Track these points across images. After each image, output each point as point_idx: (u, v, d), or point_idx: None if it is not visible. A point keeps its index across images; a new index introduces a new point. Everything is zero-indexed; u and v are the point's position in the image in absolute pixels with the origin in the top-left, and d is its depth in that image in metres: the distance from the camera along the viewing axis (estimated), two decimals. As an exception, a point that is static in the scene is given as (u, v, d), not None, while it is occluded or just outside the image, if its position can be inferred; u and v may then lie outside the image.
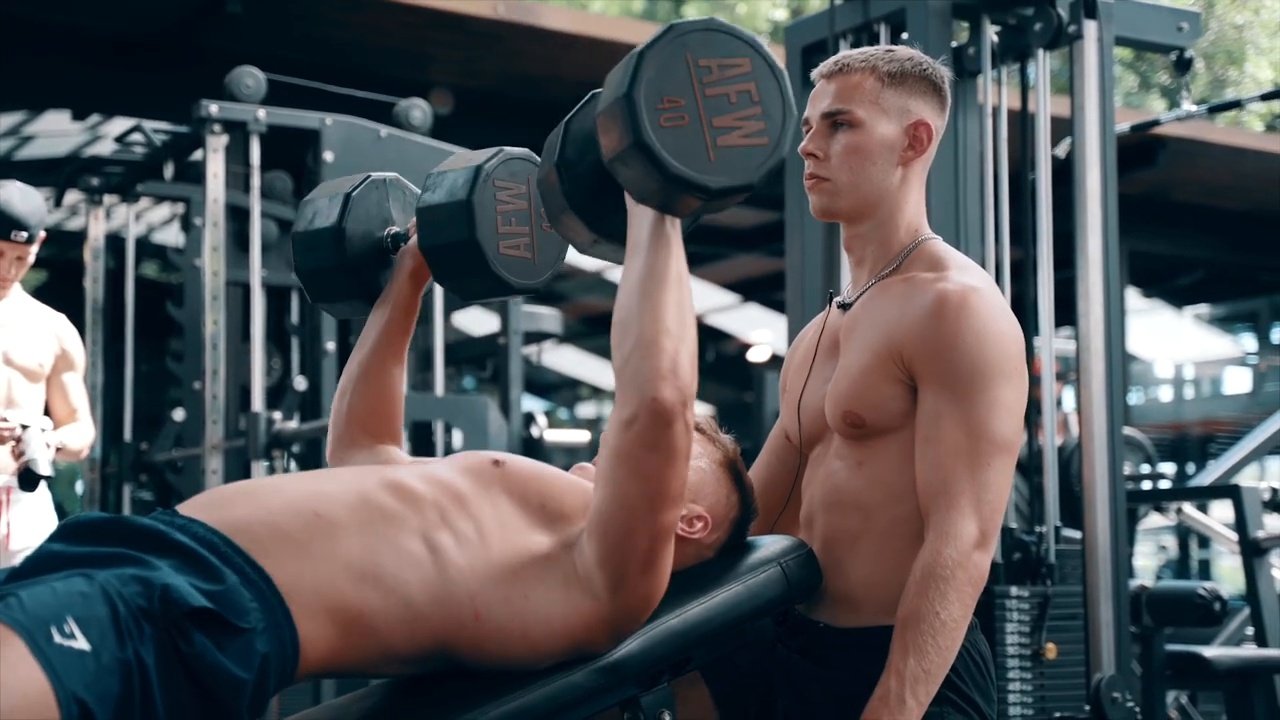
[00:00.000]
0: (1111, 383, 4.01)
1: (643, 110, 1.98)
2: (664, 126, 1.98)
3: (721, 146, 2.02)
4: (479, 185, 2.33)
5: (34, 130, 10.49)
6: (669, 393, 2.01)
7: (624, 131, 1.99)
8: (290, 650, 1.93)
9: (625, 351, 2.05)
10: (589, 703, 2.15)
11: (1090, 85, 4.08)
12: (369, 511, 2.05)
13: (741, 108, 2.03)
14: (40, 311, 4.67)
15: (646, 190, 2.05)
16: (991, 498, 2.27)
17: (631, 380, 2.03)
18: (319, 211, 2.47)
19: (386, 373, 2.46)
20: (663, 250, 2.06)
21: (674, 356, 2.02)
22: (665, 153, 1.98)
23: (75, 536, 1.95)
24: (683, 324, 2.05)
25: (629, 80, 2.00)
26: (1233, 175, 10.45)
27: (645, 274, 2.06)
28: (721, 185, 2.02)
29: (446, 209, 2.34)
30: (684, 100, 2.00)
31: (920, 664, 2.21)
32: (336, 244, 2.44)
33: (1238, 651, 5.00)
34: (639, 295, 2.05)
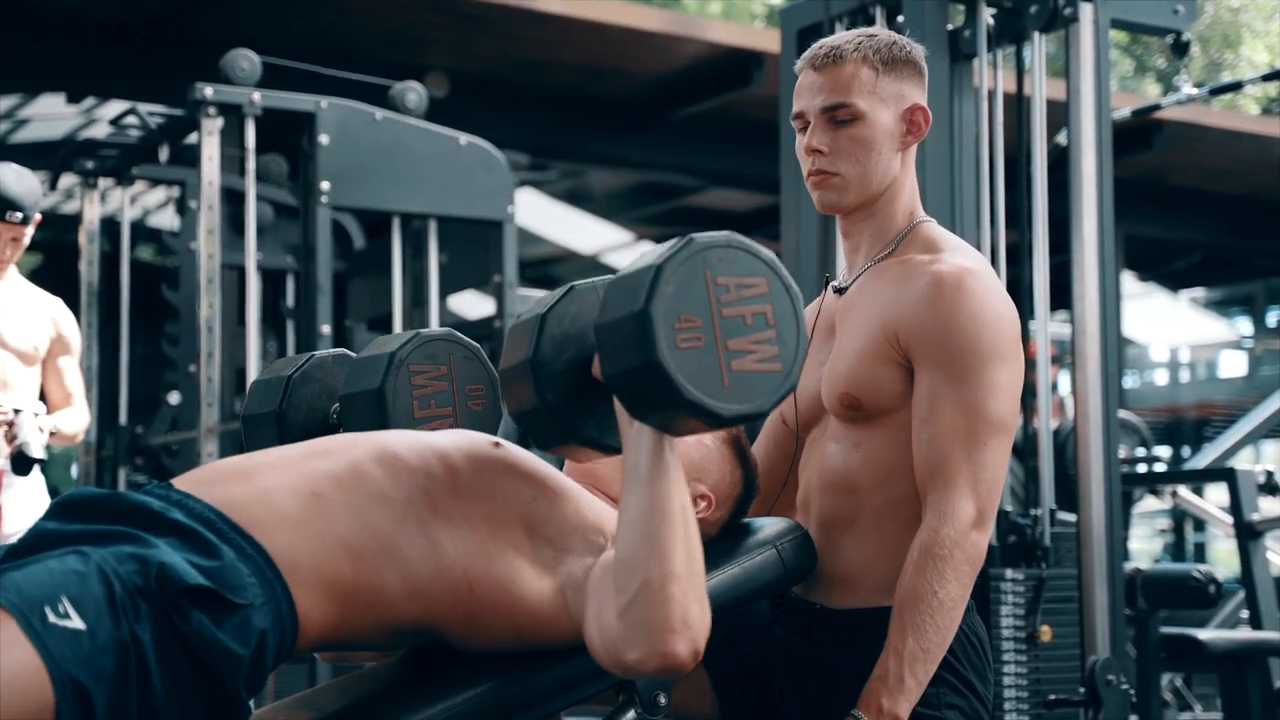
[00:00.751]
0: (1107, 366, 4.01)
1: (659, 329, 1.86)
2: (680, 348, 1.87)
3: (736, 371, 1.90)
4: (391, 372, 2.32)
5: (29, 113, 10.48)
6: (682, 646, 1.92)
7: (637, 350, 1.88)
8: (289, 624, 1.93)
9: (630, 595, 1.94)
10: (585, 684, 2.15)
11: (1086, 68, 4.08)
12: (363, 484, 2.05)
13: (757, 330, 1.93)
14: (36, 295, 4.66)
15: (650, 411, 1.94)
16: (989, 477, 2.28)
17: (639, 629, 1.93)
18: (262, 395, 2.49)
19: None
20: (664, 481, 1.95)
21: (684, 605, 1.92)
22: (680, 376, 1.86)
23: (70, 514, 1.94)
24: (691, 564, 1.95)
25: (646, 295, 1.87)
26: (1229, 159, 10.45)
27: (647, 512, 1.95)
28: (735, 413, 1.91)
29: (361, 398, 2.34)
30: (701, 320, 1.90)
31: (919, 643, 2.22)
32: (278, 427, 2.44)
33: (1232, 634, 5.02)
34: (643, 536, 1.93)
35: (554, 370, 2.06)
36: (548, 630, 2.07)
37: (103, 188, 6.48)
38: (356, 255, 7.32)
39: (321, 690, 2.22)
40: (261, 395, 2.49)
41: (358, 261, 7.28)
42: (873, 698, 2.21)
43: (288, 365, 2.52)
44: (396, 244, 5.99)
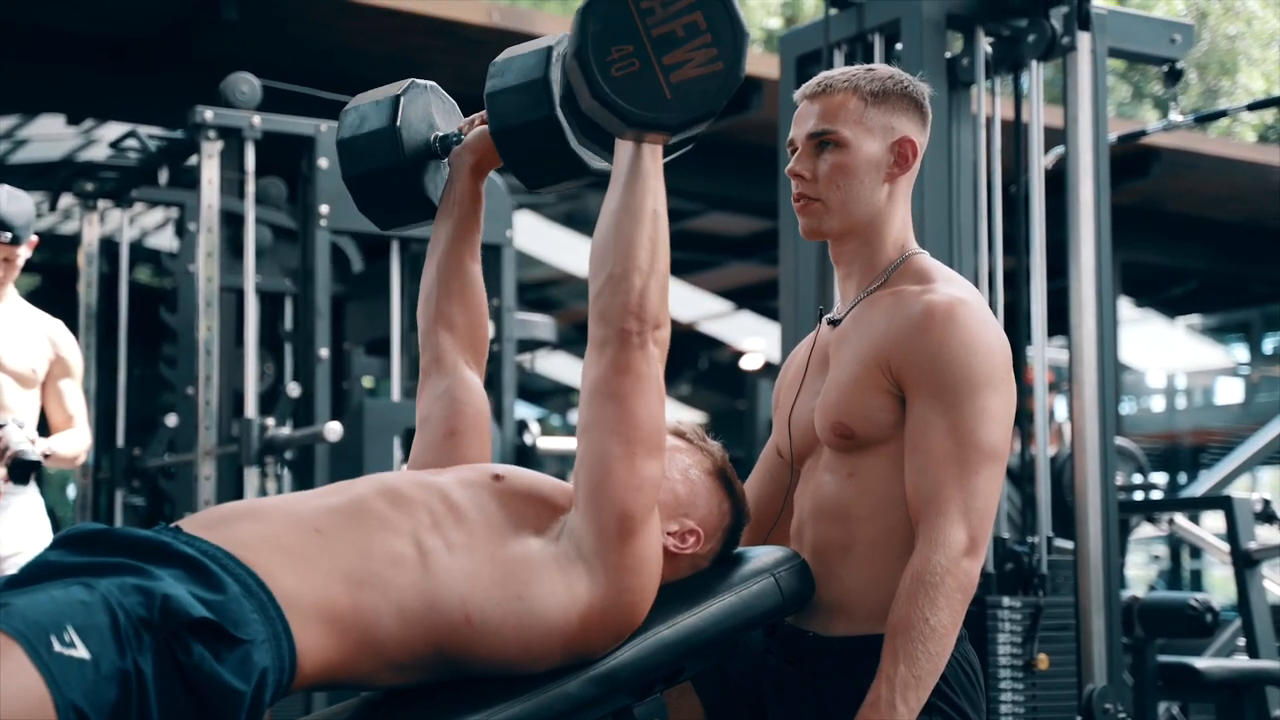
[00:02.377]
0: (1104, 392, 4.02)
1: (594, 65, 2.04)
2: (615, 76, 2.05)
3: (675, 82, 2.06)
4: (552, 65, 2.34)
5: (28, 134, 10.48)
6: (633, 324, 2.11)
7: (582, 86, 2.07)
8: (288, 661, 1.93)
9: (598, 285, 2.15)
10: (582, 712, 2.15)
11: (1083, 96, 4.09)
12: (363, 518, 2.06)
13: (690, 38, 2.07)
14: (35, 316, 4.64)
15: (617, 132, 2.12)
16: (980, 505, 2.28)
17: (602, 313, 2.14)
18: (366, 116, 2.50)
19: (466, 269, 2.51)
20: (638, 184, 2.14)
21: (641, 291, 2.12)
22: (622, 101, 2.05)
23: (75, 546, 1.95)
24: (654, 258, 2.13)
25: (576, 40, 2.06)
26: (1225, 186, 10.47)
27: (620, 208, 2.14)
28: (681, 120, 2.07)
29: (521, 90, 2.36)
30: (631, 46, 2.06)
31: (910, 670, 2.22)
32: (392, 145, 2.47)
33: (1229, 663, 5.01)
34: (613, 230, 2.14)
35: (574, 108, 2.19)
36: (557, 635, 2.08)
37: (102, 209, 6.48)
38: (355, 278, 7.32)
39: (319, 716, 2.22)
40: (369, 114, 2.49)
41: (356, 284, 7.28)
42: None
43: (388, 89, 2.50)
44: (395, 267, 5.99)
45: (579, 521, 2.12)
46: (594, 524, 2.10)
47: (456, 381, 2.46)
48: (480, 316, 2.52)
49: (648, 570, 2.14)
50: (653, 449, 2.13)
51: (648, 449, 2.13)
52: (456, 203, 2.51)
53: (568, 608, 2.09)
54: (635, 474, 2.12)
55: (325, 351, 5.68)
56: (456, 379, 2.46)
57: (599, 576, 2.10)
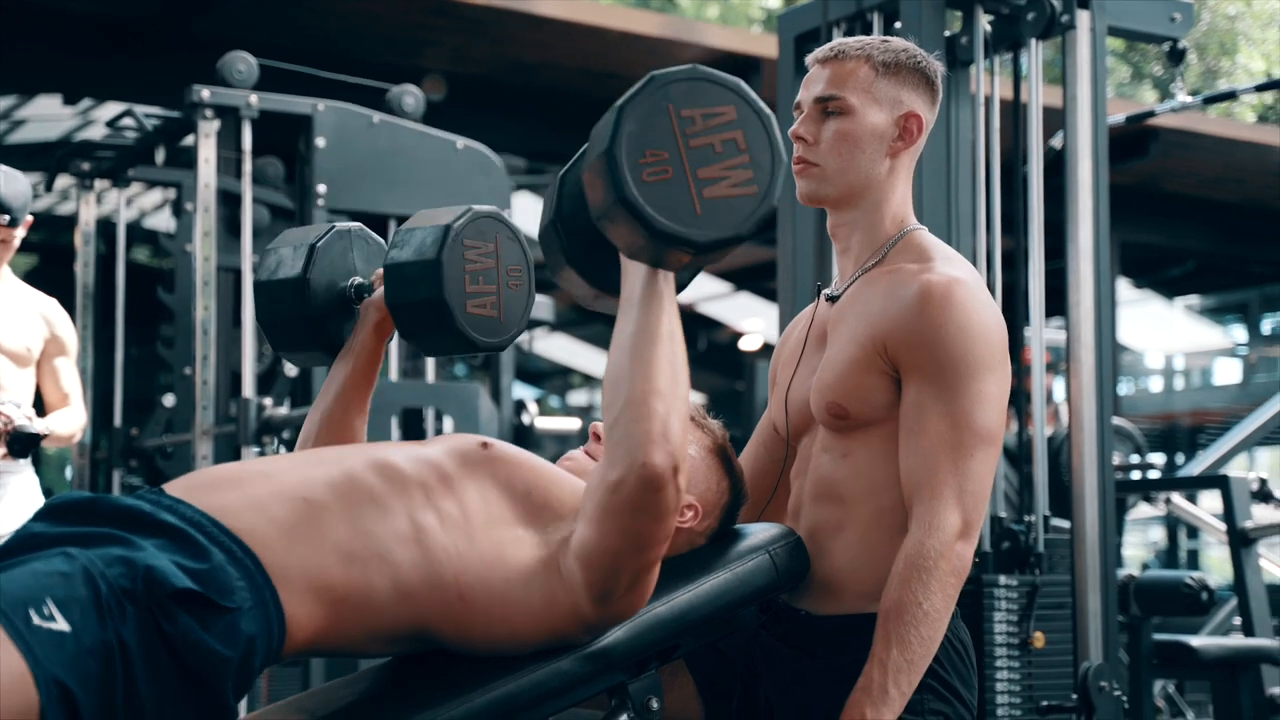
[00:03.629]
0: (1101, 373, 4.01)
1: (624, 165, 1.93)
2: (647, 181, 1.94)
3: (708, 198, 1.97)
4: (448, 244, 2.32)
5: (25, 114, 10.47)
6: (660, 458, 1.98)
7: (607, 188, 1.95)
8: (276, 629, 1.93)
9: (615, 412, 2.01)
10: (577, 689, 2.15)
11: (1083, 75, 4.08)
12: (355, 492, 2.05)
13: (728, 156, 1.98)
14: (30, 295, 4.65)
15: (635, 246, 2.01)
16: (974, 488, 2.28)
17: (621, 442, 2.00)
18: (282, 261, 2.46)
19: (350, 426, 2.43)
20: (655, 307, 2.03)
21: (665, 419, 1.99)
22: (649, 208, 1.93)
23: (58, 516, 1.94)
24: (675, 384, 2.01)
25: (609, 136, 1.95)
26: (1225, 166, 10.46)
27: (637, 331, 2.02)
28: (709, 239, 1.97)
29: (415, 267, 2.32)
30: (667, 153, 1.95)
31: (903, 654, 2.22)
32: (300, 295, 2.42)
33: (1225, 641, 5.01)
34: (630, 354, 2.01)
35: (575, 227, 2.14)
36: (543, 623, 2.08)
37: (99, 189, 6.47)
38: (352, 258, 7.31)
39: (314, 693, 2.23)
40: (284, 260, 2.46)
41: (354, 264, 7.27)
42: (856, 709, 2.22)
43: (309, 234, 2.49)
44: (392, 247, 5.97)
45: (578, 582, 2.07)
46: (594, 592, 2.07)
47: None
48: None
49: (643, 597, 2.14)
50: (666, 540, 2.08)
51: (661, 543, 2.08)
52: (354, 356, 2.44)
53: (551, 608, 2.09)
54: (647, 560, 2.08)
55: (323, 331, 5.66)
56: None
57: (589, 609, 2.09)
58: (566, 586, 2.08)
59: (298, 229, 2.55)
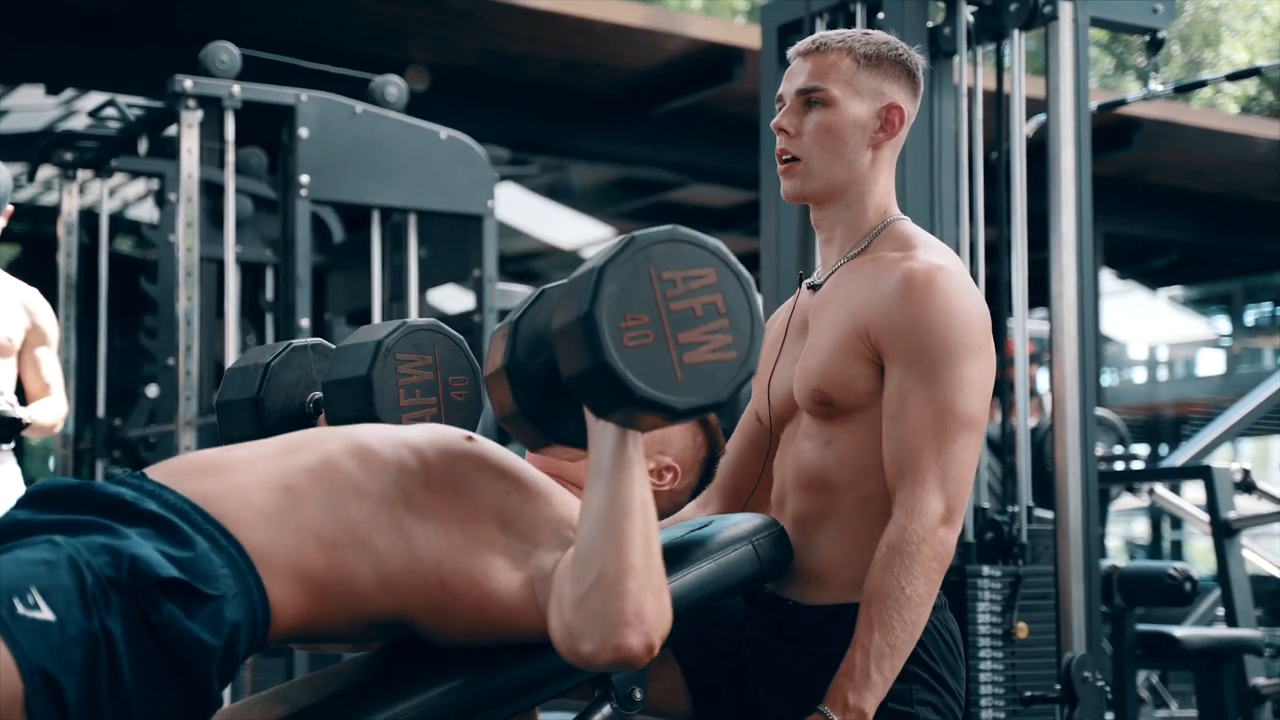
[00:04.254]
0: (1085, 364, 4.02)
1: (605, 330, 1.87)
2: (628, 346, 1.88)
3: (688, 364, 1.90)
4: (378, 360, 2.33)
5: (7, 105, 10.43)
6: (635, 640, 1.91)
7: (584, 352, 1.89)
8: (261, 615, 1.93)
9: (585, 587, 1.93)
10: (561, 680, 2.15)
11: (1065, 66, 4.09)
12: (335, 478, 2.04)
13: (708, 320, 1.92)
14: (11, 285, 4.63)
15: (607, 409, 1.95)
16: (957, 474, 2.28)
17: (593, 620, 1.92)
18: (238, 381, 2.50)
19: None
20: (625, 476, 1.96)
21: (639, 599, 1.91)
22: (630, 374, 1.87)
23: (42, 504, 1.94)
24: (649, 557, 1.94)
25: (590, 298, 1.88)
26: (1208, 157, 10.49)
27: (607, 504, 1.94)
28: (690, 405, 1.91)
29: (348, 384, 2.34)
30: (648, 317, 1.90)
31: (885, 639, 2.22)
32: (255, 414, 2.46)
33: (1208, 631, 5.04)
34: (603, 529, 1.93)
35: (528, 374, 2.08)
36: (518, 624, 2.07)
37: (81, 180, 6.46)
38: (336, 249, 7.31)
39: (297, 684, 2.22)
40: (239, 382, 2.51)
41: (337, 255, 7.27)
42: (838, 693, 2.22)
43: (265, 353, 2.53)
44: (376, 238, 5.98)
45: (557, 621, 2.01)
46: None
47: None
48: None
49: None
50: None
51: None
52: None
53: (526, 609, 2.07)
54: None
55: (306, 322, 5.67)
56: None
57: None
58: (539, 609, 2.06)
59: (259, 348, 2.60)
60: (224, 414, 2.51)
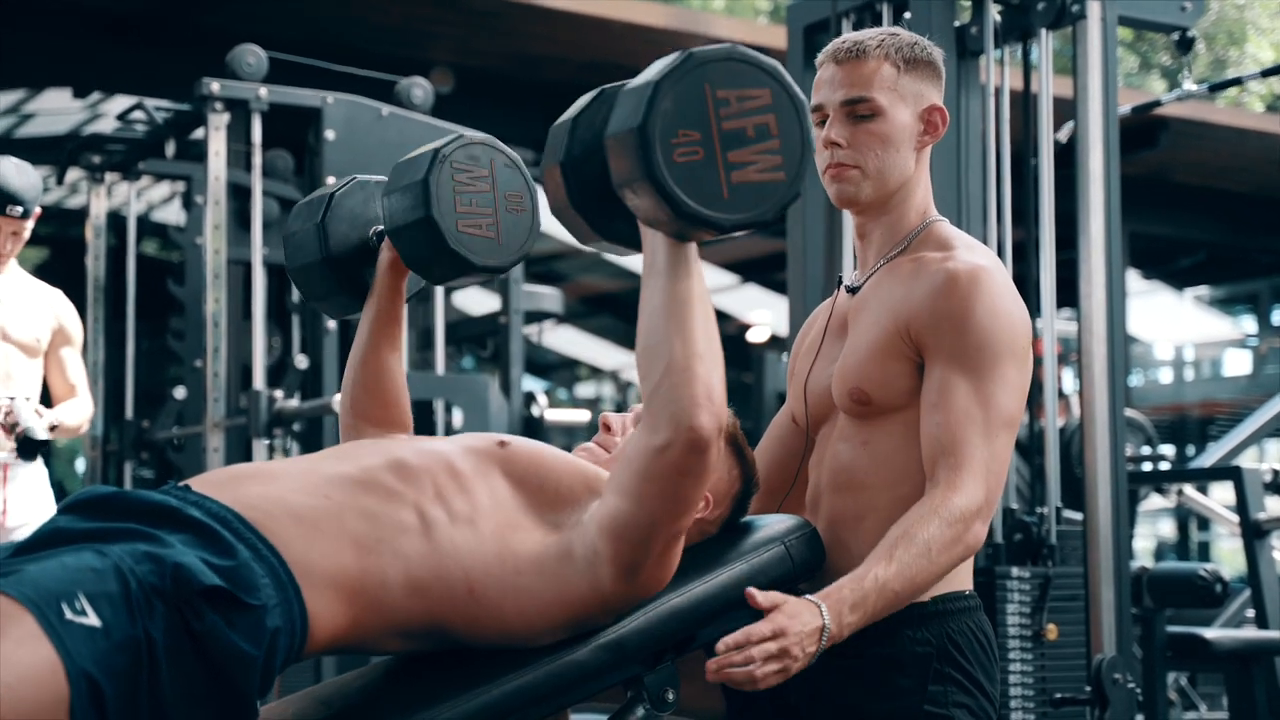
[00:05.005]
0: (1113, 364, 4.00)
1: (656, 144, 1.92)
2: (677, 161, 1.93)
3: (736, 183, 1.96)
4: (435, 166, 2.33)
5: (35, 108, 10.48)
6: (706, 419, 1.99)
7: (635, 163, 1.94)
8: (299, 626, 1.93)
9: (656, 378, 2.01)
10: (592, 681, 2.15)
11: (1093, 65, 4.07)
12: (373, 488, 2.06)
13: (759, 141, 1.97)
14: (37, 287, 4.66)
15: (657, 220, 2.01)
16: (998, 469, 2.29)
17: (665, 407, 2.00)
18: (304, 213, 2.53)
19: (383, 363, 2.48)
20: (684, 273, 2.03)
21: (708, 381, 1.99)
22: (678, 189, 1.93)
23: (84, 511, 1.95)
24: (712, 346, 2.02)
25: (644, 110, 1.93)
26: (1234, 156, 10.45)
27: (669, 299, 2.01)
28: (734, 222, 1.97)
29: (404, 191, 2.35)
30: (699, 134, 1.94)
31: (894, 578, 2.20)
32: (320, 241, 2.48)
33: (1238, 633, 5.01)
34: (666, 320, 2.01)
35: (583, 173, 2.13)
36: (558, 611, 2.08)
37: (109, 182, 6.48)
38: (362, 251, 7.31)
39: (331, 685, 2.23)
40: (305, 212, 2.53)
41: (363, 257, 7.27)
42: (838, 592, 2.20)
43: (329, 185, 2.55)
44: (402, 240, 5.98)
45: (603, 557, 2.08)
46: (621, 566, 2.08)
47: None
48: (398, 411, 2.51)
49: (668, 573, 2.15)
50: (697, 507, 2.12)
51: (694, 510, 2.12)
52: (376, 296, 2.49)
53: (565, 594, 2.09)
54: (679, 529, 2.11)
55: (333, 324, 5.69)
56: None
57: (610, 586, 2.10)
58: (585, 568, 2.08)
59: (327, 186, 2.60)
60: (290, 244, 2.53)
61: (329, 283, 2.52)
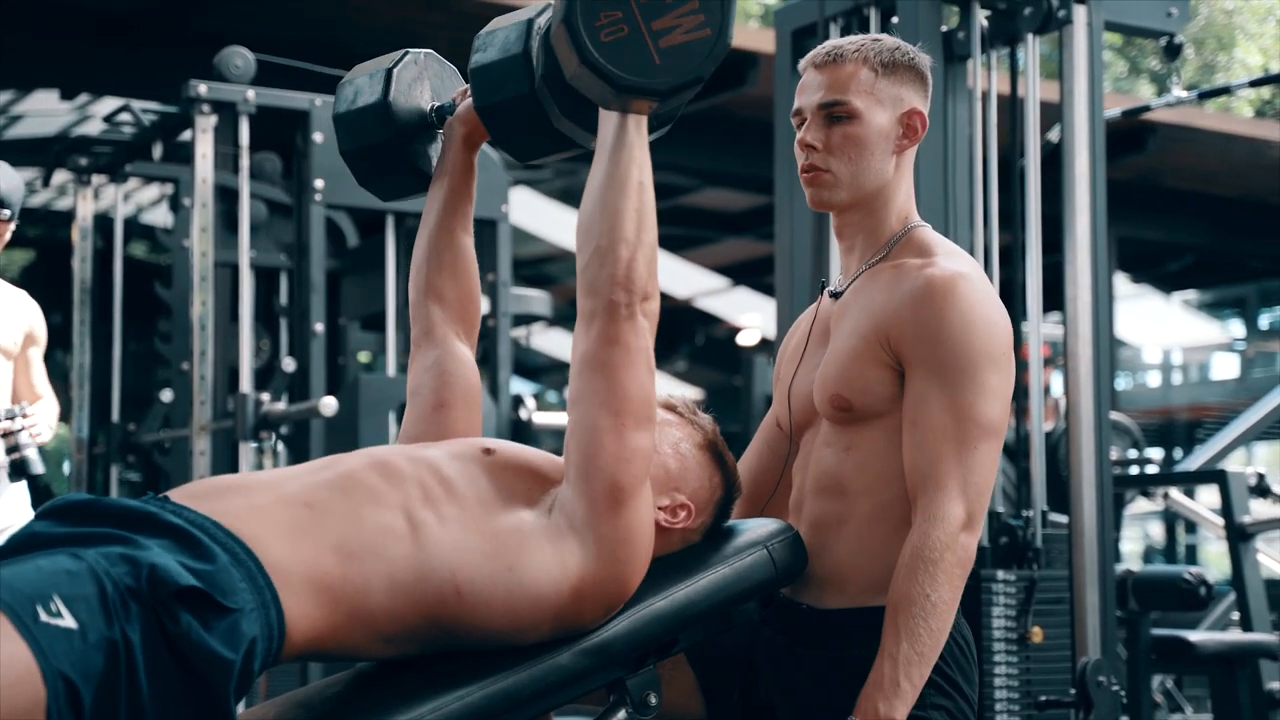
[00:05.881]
0: (1099, 368, 4.01)
1: (582, 30, 2.05)
2: (605, 42, 2.06)
3: (664, 48, 2.08)
4: (531, 37, 2.32)
5: (22, 109, 10.46)
6: (621, 296, 2.12)
7: (571, 52, 2.07)
8: (277, 631, 1.93)
9: (585, 257, 2.16)
10: (575, 685, 2.16)
11: (1080, 70, 4.08)
12: (353, 491, 2.06)
13: (677, 5, 2.08)
14: (9, 290, 4.65)
15: (605, 99, 2.13)
16: (978, 480, 2.28)
17: (590, 285, 2.15)
18: (360, 90, 2.49)
19: (457, 242, 2.51)
20: (623, 155, 2.14)
21: (629, 263, 2.12)
22: (611, 66, 2.06)
23: (61, 516, 1.95)
24: (640, 230, 2.14)
25: (564, 6, 2.06)
26: (1222, 161, 10.46)
27: (606, 181, 2.14)
28: (669, 85, 2.09)
29: (502, 65, 2.33)
30: (620, 12, 2.07)
31: (913, 647, 2.22)
32: (384, 119, 2.45)
33: (1223, 636, 5.02)
34: (599, 202, 2.15)
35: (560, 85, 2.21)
36: (547, 608, 2.08)
37: (96, 184, 6.47)
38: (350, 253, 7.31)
39: (314, 689, 2.22)
40: (357, 90, 2.48)
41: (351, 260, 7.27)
42: (869, 703, 2.22)
43: (382, 61, 2.49)
44: (390, 242, 5.98)
45: (570, 494, 2.13)
46: (585, 495, 2.11)
47: (446, 353, 2.47)
48: (472, 289, 2.52)
49: (639, 541, 2.14)
50: (642, 420, 2.14)
51: (637, 420, 2.13)
52: (448, 174, 2.50)
53: (558, 580, 2.09)
54: (625, 445, 2.12)
55: (320, 327, 5.68)
56: (446, 351, 2.47)
57: (590, 548, 2.10)
58: (565, 526, 2.09)
59: (367, 62, 2.55)
60: (345, 125, 2.48)
61: (391, 163, 2.50)
